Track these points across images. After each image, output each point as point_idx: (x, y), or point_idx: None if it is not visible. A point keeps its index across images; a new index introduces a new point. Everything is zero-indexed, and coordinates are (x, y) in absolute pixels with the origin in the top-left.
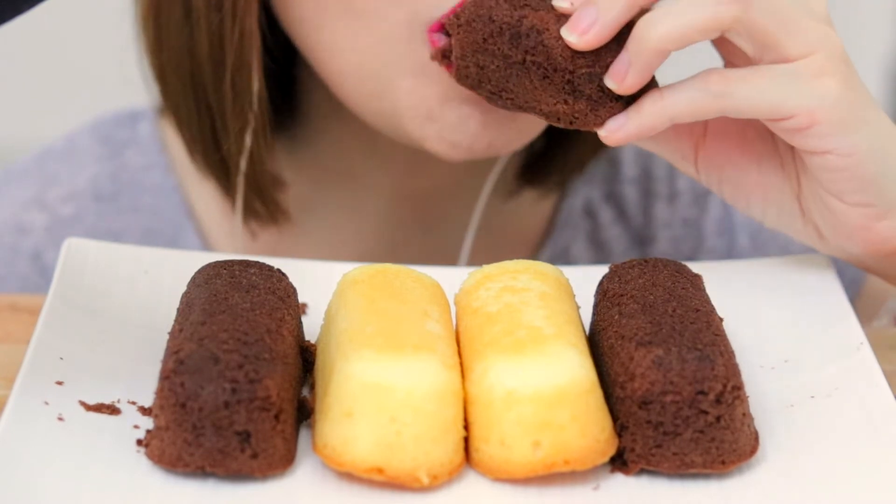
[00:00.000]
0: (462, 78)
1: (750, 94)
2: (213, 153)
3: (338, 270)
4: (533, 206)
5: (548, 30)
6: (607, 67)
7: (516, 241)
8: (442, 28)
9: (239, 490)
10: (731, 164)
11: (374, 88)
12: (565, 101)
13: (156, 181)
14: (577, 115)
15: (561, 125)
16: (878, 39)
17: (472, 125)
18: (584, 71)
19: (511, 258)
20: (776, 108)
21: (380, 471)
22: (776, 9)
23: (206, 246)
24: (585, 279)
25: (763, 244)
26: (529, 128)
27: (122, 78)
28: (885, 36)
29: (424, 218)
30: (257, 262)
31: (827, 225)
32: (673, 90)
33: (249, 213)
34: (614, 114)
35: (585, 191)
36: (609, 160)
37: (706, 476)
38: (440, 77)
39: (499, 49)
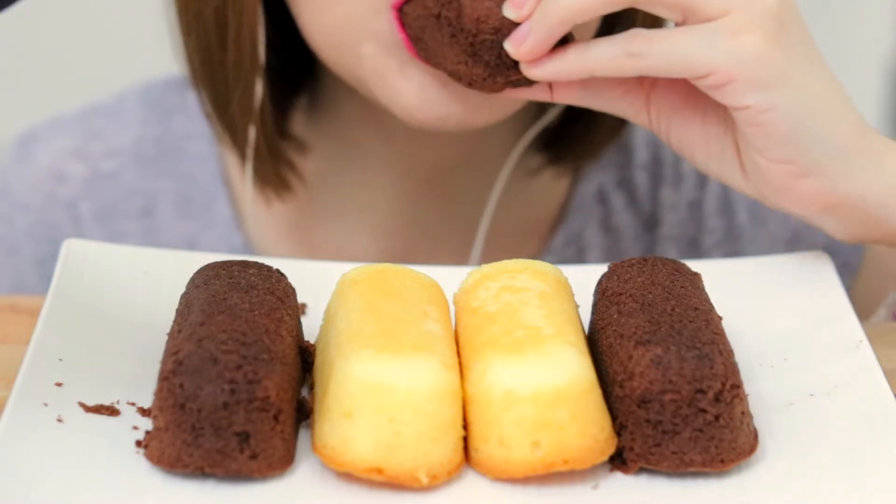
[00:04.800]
0: (402, 17)
1: (666, 53)
2: (225, 118)
3: (337, 270)
4: (547, 190)
5: None
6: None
7: (531, 224)
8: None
9: (238, 491)
10: (678, 114)
11: (344, 58)
12: (465, 63)
13: (198, 149)
14: (474, 77)
15: (462, 84)
16: (878, 39)
17: (433, 100)
18: (486, 37)
19: (526, 241)
20: (692, 66)
21: (379, 471)
22: None
23: (236, 216)
24: (585, 278)
25: (762, 218)
26: (499, 102)
27: (126, 77)
28: (885, 36)
29: (440, 194)
30: (256, 263)
31: (758, 181)
32: (599, 45)
33: (264, 180)
34: (511, 80)
35: (598, 177)
36: (622, 146)
37: (705, 475)
38: (399, 49)
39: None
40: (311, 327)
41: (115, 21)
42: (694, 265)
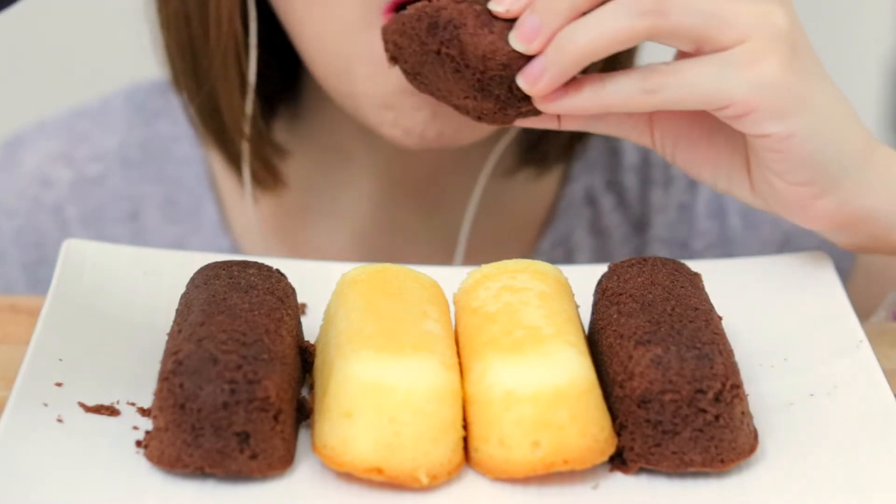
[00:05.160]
0: (387, 49)
1: (683, 88)
2: (213, 121)
3: (337, 270)
4: (534, 191)
5: (465, 25)
6: (518, 70)
7: (518, 227)
8: (395, 9)
9: (238, 491)
10: (683, 137)
11: (335, 70)
12: (474, 98)
13: (183, 152)
14: (484, 112)
15: (470, 118)
16: (878, 39)
17: (425, 114)
18: (494, 73)
19: (513, 243)
20: (711, 99)
21: (379, 471)
22: (696, 7)
23: (223, 218)
24: (585, 278)
25: (755, 223)
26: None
27: (124, 78)
28: (885, 36)
29: (423, 198)
30: (256, 263)
31: (771, 199)
32: (614, 81)
33: (252, 179)
34: (522, 112)
35: (587, 178)
36: (610, 149)
37: (705, 475)
38: (388, 71)
39: (417, 35)
40: (311, 327)
41: (99, 25)
42: (694, 265)
